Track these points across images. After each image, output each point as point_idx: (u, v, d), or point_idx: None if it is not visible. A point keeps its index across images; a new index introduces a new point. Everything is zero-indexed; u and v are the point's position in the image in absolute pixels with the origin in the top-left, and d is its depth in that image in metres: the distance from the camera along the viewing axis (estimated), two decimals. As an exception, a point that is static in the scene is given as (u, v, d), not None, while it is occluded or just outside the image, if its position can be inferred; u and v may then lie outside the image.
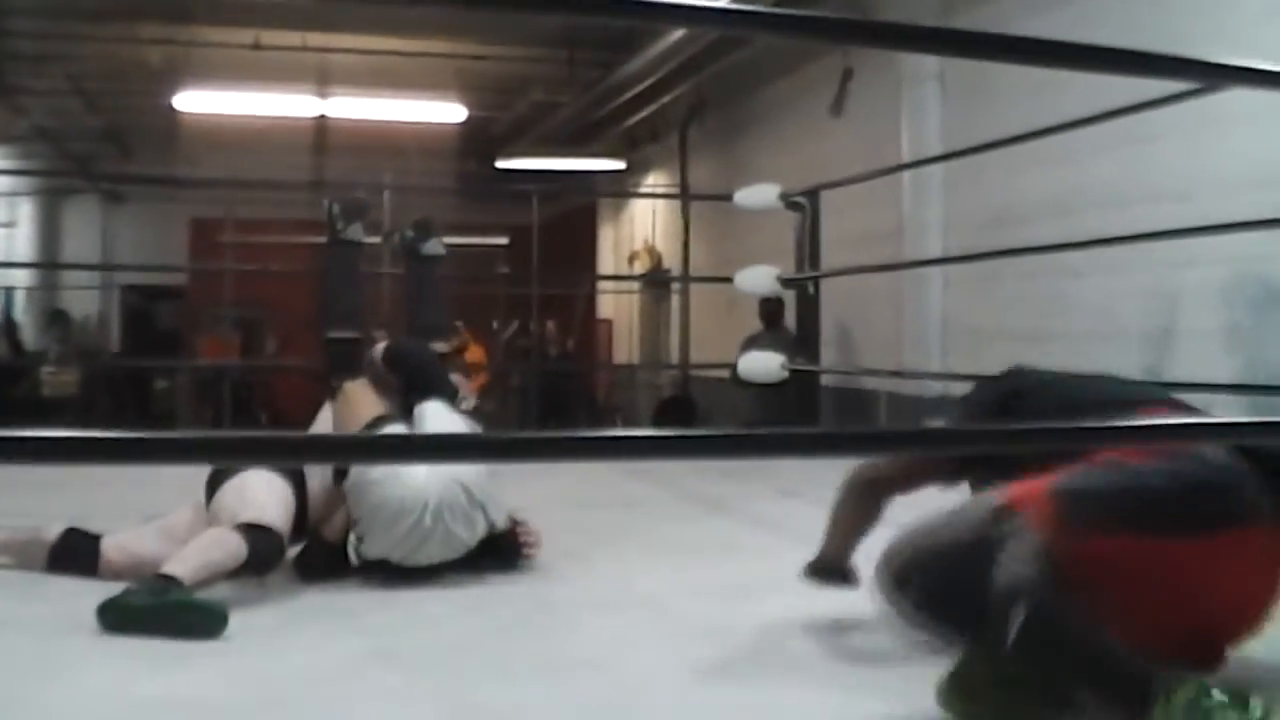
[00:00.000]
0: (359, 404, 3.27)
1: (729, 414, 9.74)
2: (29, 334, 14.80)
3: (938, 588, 2.06)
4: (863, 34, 1.57)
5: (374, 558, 3.13)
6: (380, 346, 3.52)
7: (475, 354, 11.50)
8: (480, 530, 3.15)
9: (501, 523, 3.20)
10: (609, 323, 14.90)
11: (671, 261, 12.53)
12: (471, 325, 11.78)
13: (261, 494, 3.03)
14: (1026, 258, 5.66)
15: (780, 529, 3.77)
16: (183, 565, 2.72)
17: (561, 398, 12.06)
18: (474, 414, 3.46)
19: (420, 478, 3.06)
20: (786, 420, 7.26)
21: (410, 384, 3.35)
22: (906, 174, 7.18)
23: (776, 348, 6.37)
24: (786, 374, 5.81)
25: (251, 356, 15.45)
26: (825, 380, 7.99)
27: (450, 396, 3.37)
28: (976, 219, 6.89)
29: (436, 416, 3.26)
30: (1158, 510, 1.97)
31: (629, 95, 10.05)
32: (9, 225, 14.96)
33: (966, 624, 2.02)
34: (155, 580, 2.66)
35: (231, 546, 2.83)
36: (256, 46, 10.02)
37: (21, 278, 15.11)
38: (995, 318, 6.74)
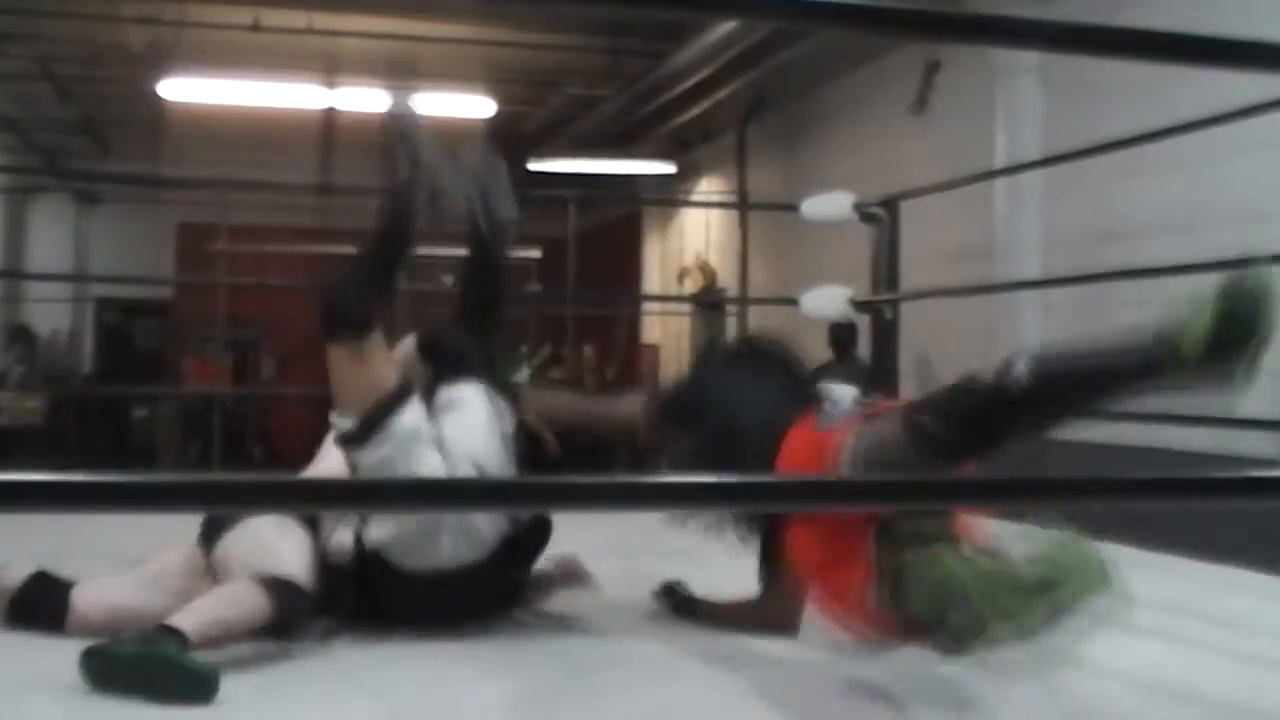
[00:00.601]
0: (371, 366, 3.14)
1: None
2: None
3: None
4: (954, 29, 1.61)
5: (376, 545, 3.11)
6: (410, 337, 3.53)
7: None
8: (502, 525, 3.15)
9: (526, 519, 3.21)
10: (655, 348, 14.95)
11: (727, 280, 12.57)
12: (494, 351, 11.85)
13: (278, 541, 3.01)
14: (1139, 280, 5.66)
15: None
16: (190, 619, 2.66)
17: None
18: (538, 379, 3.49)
19: (434, 460, 3.08)
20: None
21: (441, 370, 3.36)
22: (1000, 181, 7.20)
23: (847, 380, 6.37)
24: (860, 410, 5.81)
25: (245, 382, 15.59)
26: (903, 419, 7.96)
27: (488, 377, 3.40)
28: (1081, 234, 6.89)
29: (468, 404, 3.25)
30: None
31: (679, 90, 10.12)
32: None
33: None
34: (154, 631, 2.62)
35: (252, 604, 2.78)
36: (255, 28, 10.14)
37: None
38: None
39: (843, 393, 3.10)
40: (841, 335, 8.39)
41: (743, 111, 11.76)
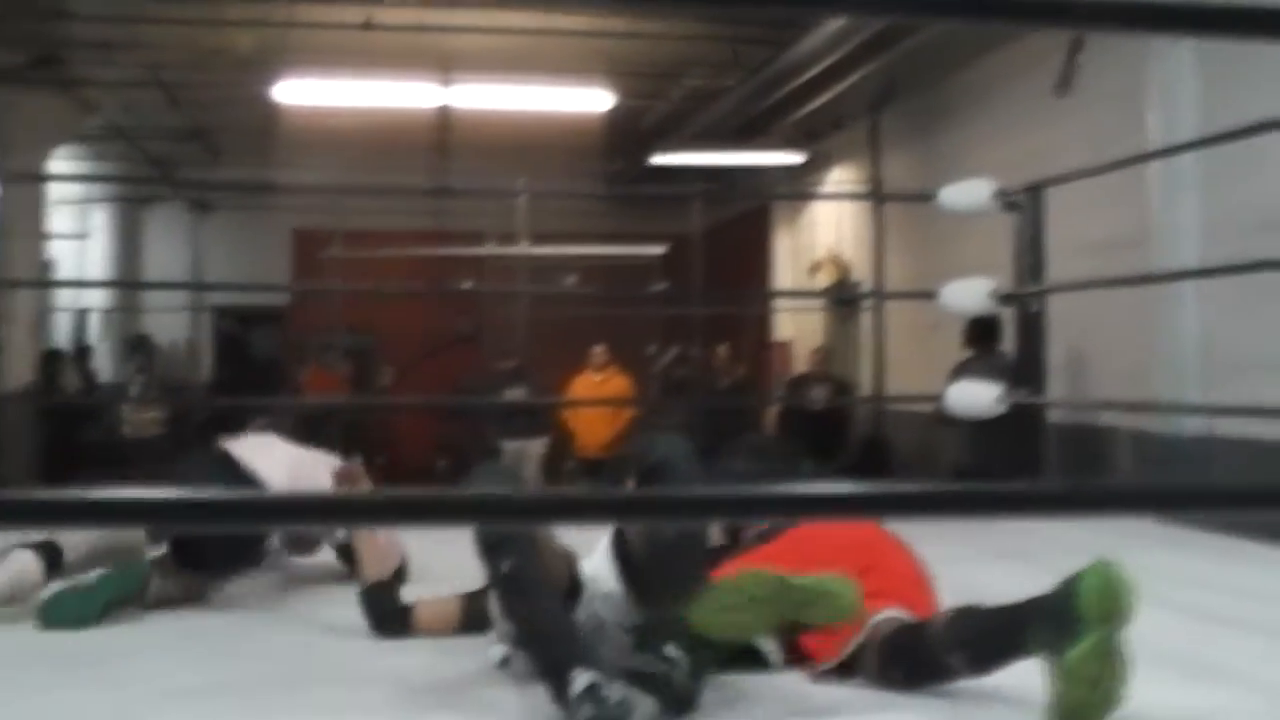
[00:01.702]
0: None
1: (933, 457, 9.62)
2: (106, 364, 15.34)
3: None
4: (1101, 18, 1.54)
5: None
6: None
7: (619, 386, 11.58)
8: None
9: None
10: (787, 346, 14.86)
11: (862, 274, 12.45)
12: (619, 353, 11.89)
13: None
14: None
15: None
16: None
17: (729, 438, 11.99)
18: None
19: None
20: (1003, 464, 7.14)
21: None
22: (1154, 165, 7.03)
23: (991, 376, 6.27)
24: (1004, 408, 5.71)
25: (364, 390, 15.82)
26: (1052, 416, 7.84)
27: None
28: (1243, 221, 6.70)
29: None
30: None
31: (806, 77, 10.04)
32: (80, 237, 15.53)
33: None
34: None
35: None
36: (367, 26, 10.25)
37: (96, 298, 15.66)
38: (1267, 341, 6.53)
39: None
40: (983, 330, 8.27)
41: (874, 97, 11.64)
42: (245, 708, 3.02)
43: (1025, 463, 7.04)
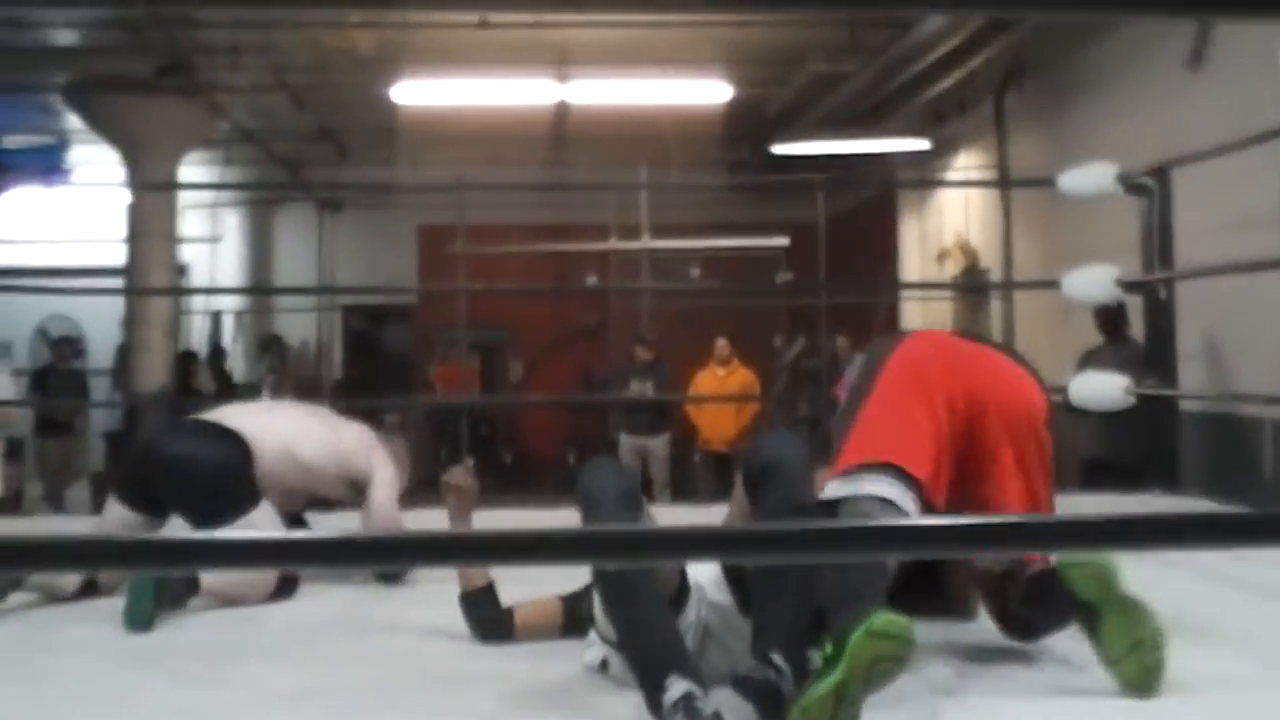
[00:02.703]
0: None
1: (1063, 447, 9.39)
2: (239, 364, 15.66)
3: None
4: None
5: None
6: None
7: (743, 380, 11.50)
8: None
9: None
10: (916, 335, 14.66)
11: (990, 260, 12.23)
12: (743, 345, 11.81)
13: None
14: None
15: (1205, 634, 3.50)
16: None
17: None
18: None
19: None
20: (1134, 458, 6.92)
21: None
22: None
23: (1119, 366, 6.08)
24: (1133, 399, 5.54)
25: (493, 386, 15.95)
26: (1186, 406, 7.60)
27: None
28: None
29: None
30: None
31: (929, 60, 9.89)
32: (213, 240, 15.91)
33: None
34: None
35: None
36: (483, 25, 10.31)
37: (229, 300, 16.05)
38: None
39: None
40: (1111, 318, 8.04)
41: (1001, 79, 11.41)
42: (352, 710, 3.02)
43: (1159, 455, 6.81)
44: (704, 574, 3.18)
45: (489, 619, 3.59)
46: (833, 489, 3.09)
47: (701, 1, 4.64)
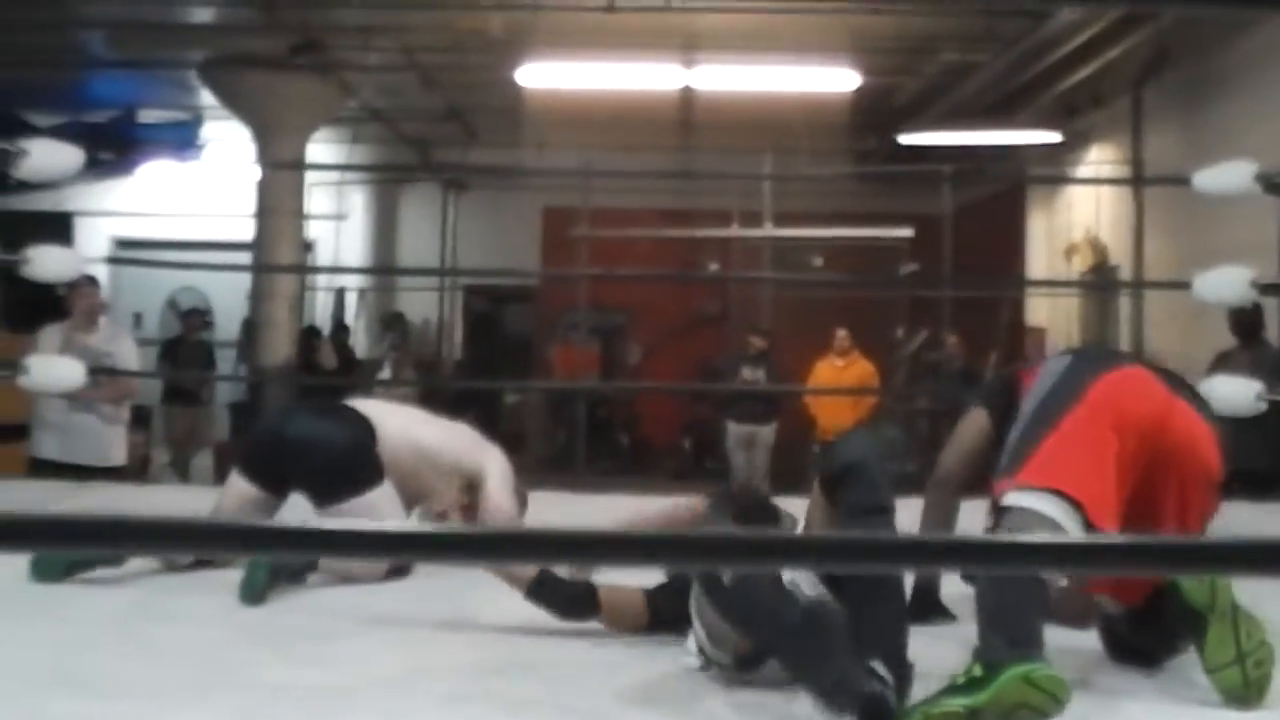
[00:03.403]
0: None
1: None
2: (361, 341, 15.86)
3: None
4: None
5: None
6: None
7: (862, 371, 11.42)
8: None
9: None
10: (1042, 331, 14.41)
11: (1120, 257, 11.99)
12: (863, 336, 11.72)
13: None
14: None
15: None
16: None
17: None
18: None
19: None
20: (1266, 466, 6.74)
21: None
22: None
23: (1253, 371, 5.91)
24: (1264, 406, 5.38)
25: (611, 369, 15.98)
26: (1325, 415, 7.37)
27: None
28: None
29: None
30: None
31: (1065, 50, 9.72)
32: (339, 218, 16.10)
33: None
34: None
35: None
36: (611, 9, 10.31)
37: (353, 278, 16.26)
38: None
39: None
40: (1246, 321, 7.83)
41: (1139, 71, 11.15)
42: (449, 698, 3.01)
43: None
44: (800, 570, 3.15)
45: (570, 596, 3.56)
46: (1012, 498, 3.05)
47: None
